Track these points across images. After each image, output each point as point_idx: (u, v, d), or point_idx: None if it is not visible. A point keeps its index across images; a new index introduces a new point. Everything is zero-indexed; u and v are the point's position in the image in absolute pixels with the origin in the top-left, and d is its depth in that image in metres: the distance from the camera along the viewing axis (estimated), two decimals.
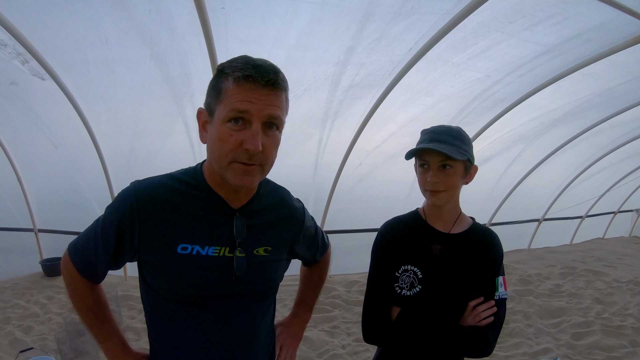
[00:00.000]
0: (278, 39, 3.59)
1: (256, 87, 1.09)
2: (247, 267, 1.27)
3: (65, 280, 1.35)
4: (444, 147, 1.49)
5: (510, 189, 7.41)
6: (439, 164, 1.53)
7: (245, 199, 1.30)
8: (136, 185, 1.24)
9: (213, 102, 1.15)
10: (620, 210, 10.35)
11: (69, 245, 1.34)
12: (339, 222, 6.38)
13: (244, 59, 1.12)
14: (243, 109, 1.09)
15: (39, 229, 6.12)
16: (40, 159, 5.64)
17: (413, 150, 1.56)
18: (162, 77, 4.05)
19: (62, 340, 3.85)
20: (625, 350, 4.25)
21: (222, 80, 1.13)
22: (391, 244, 1.66)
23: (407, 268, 1.62)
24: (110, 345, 1.38)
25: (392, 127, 5.20)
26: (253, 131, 1.10)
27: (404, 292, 1.60)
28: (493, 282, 1.60)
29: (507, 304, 1.67)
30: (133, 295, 5.16)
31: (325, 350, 4.13)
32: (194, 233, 1.22)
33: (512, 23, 3.51)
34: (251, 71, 1.08)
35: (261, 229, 1.33)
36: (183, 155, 5.10)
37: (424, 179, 1.57)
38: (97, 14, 3.29)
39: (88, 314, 1.35)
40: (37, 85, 4.15)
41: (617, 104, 5.55)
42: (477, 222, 1.73)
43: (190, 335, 1.27)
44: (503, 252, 1.69)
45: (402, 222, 1.72)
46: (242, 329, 1.32)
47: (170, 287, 1.24)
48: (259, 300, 1.36)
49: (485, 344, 1.54)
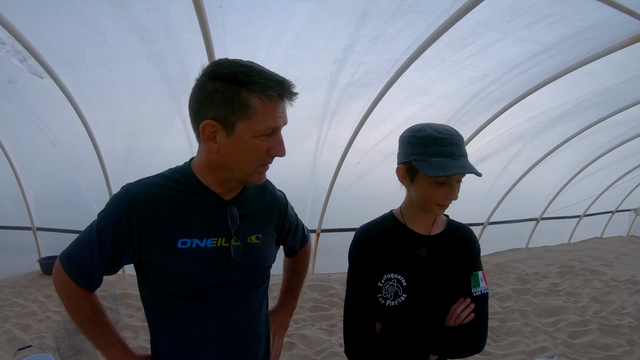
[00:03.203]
0: (276, 38, 3.59)
1: (283, 102, 1.19)
2: (243, 255, 1.34)
3: (61, 292, 1.33)
4: (470, 165, 1.42)
5: (508, 188, 7.42)
6: (459, 177, 1.47)
7: (236, 192, 1.37)
8: (129, 187, 1.26)
9: (232, 116, 1.15)
10: (618, 209, 10.36)
11: (60, 256, 1.33)
12: (337, 221, 6.38)
13: (260, 72, 1.15)
14: (277, 125, 1.20)
15: (37, 227, 6.13)
16: (38, 157, 5.65)
17: (449, 173, 1.39)
18: (160, 76, 4.05)
19: (61, 338, 3.85)
20: (622, 349, 4.26)
21: (245, 96, 1.14)
22: (371, 251, 1.56)
23: (391, 277, 1.53)
24: (114, 351, 1.38)
25: (390, 126, 5.20)
26: (280, 139, 1.23)
27: (388, 303, 1.52)
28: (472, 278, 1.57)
29: (505, 302, 1.65)
30: (131, 294, 5.16)
31: (322, 348, 4.14)
32: (192, 227, 1.27)
33: (509, 22, 3.51)
34: (280, 89, 1.16)
35: (252, 218, 1.40)
36: (181, 154, 5.07)
37: (439, 193, 1.46)
38: (95, 12, 3.29)
39: (88, 324, 1.36)
40: (35, 83, 4.14)
41: (615, 103, 5.55)
42: (451, 219, 1.69)
43: (195, 327, 1.32)
44: (480, 246, 1.66)
45: (378, 227, 1.63)
46: (243, 317, 1.38)
47: (174, 282, 1.28)
48: (255, 287, 1.43)
49: (476, 340, 1.50)
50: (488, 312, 1.57)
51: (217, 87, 1.14)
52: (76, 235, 1.33)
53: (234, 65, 1.15)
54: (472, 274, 1.56)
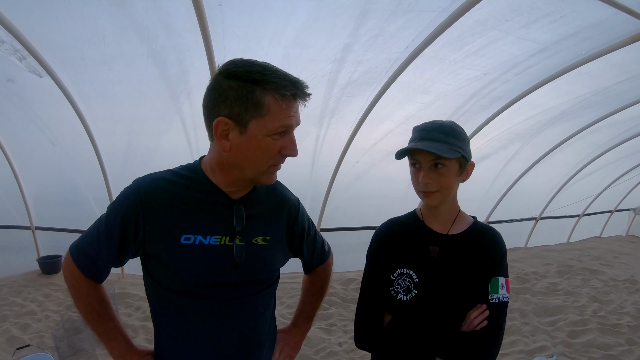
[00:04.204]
0: (275, 37, 3.58)
1: (297, 102, 1.20)
2: (246, 255, 1.33)
3: (68, 282, 1.37)
4: (433, 145, 1.41)
5: (507, 188, 7.43)
6: (430, 163, 1.44)
7: (246, 191, 1.37)
8: (138, 181, 1.29)
9: (247, 114, 1.16)
10: (617, 209, 10.37)
11: (70, 247, 1.36)
12: (336, 220, 6.39)
13: (275, 72, 1.17)
14: (290, 124, 1.20)
15: (36, 227, 6.11)
16: (37, 157, 5.63)
17: (402, 150, 1.46)
18: (159, 75, 4.04)
19: (60, 337, 3.84)
20: (621, 349, 4.26)
21: (260, 94, 1.15)
22: (386, 246, 1.60)
23: (403, 271, 1.54)
24: (115, 344, 1.40)
25: (389, 125, 5.20)
26: (293, 139, 1.23)
27: (399, 297, 1.52)
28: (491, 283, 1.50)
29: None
30: (130, 293, 5.15)
31: (322, 347, 4.14)
32: (196, 224, 1.28)
33: (508, 21, 3.51)
34: (294, 89, 1.16)
35: (259, 219, 1.39)
36: (180, 153, 5.10)
37: (416, 179, 1.48)
38: (94, 10, 3.29)
39: (92, 315, 1.38)
40: (34, 82, 4.13)
41: (614, 102, 5.55)
42: (478, 221, 1.63)
43: (196, 326, 1.32)
44: (506, 251, 1.56)
45: (398, 224, 1.65)
46: (245, 319, 1.37)
47: (175, 277, 1.29)
48: (260, 290, 1.41)
49: (485, 351, 1.44)
50: (505, 323, 1.51)
51: (231, 85, 1.15)
52: (76, 234, 1.34)
53: (248, 64, 1.17)
54: (491, 279, 1.50)
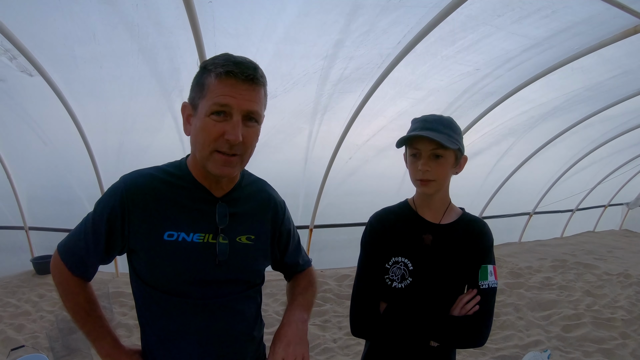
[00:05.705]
0: (266, 33, 3.57)
1: (237, 82, 1.17)
2: (230, 253, 1.33)
3: (56, 280, 1.37)
4: (436, 135, 1.49)
5: (500, 183, 7.46)
6: (430, 152, 1.51)
7: (228, 188, 1.37)
8: (125, 178, 1.30)
9: (197, 97, 1.22)
10: (610, 203, 10.44)
11: (58, 246, 1.37)
12: (330, 217, 6.40)
13: (225, 56, 1.20)
14: (225, 102, 1.16)
15: (30, 227, 6.08)
16: (29, 156, 5.60)
17: (404, 137, 1.54)
18: (150, 72, 4.02)
19: (54, 338, 3.83)
20: (615, 342, 4.29)
21: (205, 76, 1.20)
22: (381, 235, 1.64)
23: (398, 260, 1.60)
24: (103, 343, 1.39)
25: (381, 121, 5.20)
26: (234, 123, 1.18)
27: (394, 285, 1.58)
28: (481, 270, 1.60)
29: (498, 296, 1.66)
30: (125, 292, 5.14)
31: (316, 344, 4.15)
32: (180, 221, 1.28)
33: (500, 16, 3.51)
34: (232, 67, 1.16)
35: (243, 217, 1.39)
36: (173, 151, 5.07)
37: (415, 167, 1.55)
38: (84, 8, 3.27)
39: (80, 313, 1.37)
40: (25, 81, 4.11)
41: (607, 97, 5.58)
42: (467, 212, 1.71)
43: (180, 326, 1.31)
44: (493, 240, 1.67)
45: (391, 213, 1.70)
46: (228, 318, 1.35)
47: (158, 274, 1.29)
48: (244, 289, 1.40)
49: (477, 334, 1.52)
50: (494, 308, 1.60)
51: (195, 75, 1.25)
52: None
53: (218, 56, 1.21)
54: (480, 267, 1.59)
